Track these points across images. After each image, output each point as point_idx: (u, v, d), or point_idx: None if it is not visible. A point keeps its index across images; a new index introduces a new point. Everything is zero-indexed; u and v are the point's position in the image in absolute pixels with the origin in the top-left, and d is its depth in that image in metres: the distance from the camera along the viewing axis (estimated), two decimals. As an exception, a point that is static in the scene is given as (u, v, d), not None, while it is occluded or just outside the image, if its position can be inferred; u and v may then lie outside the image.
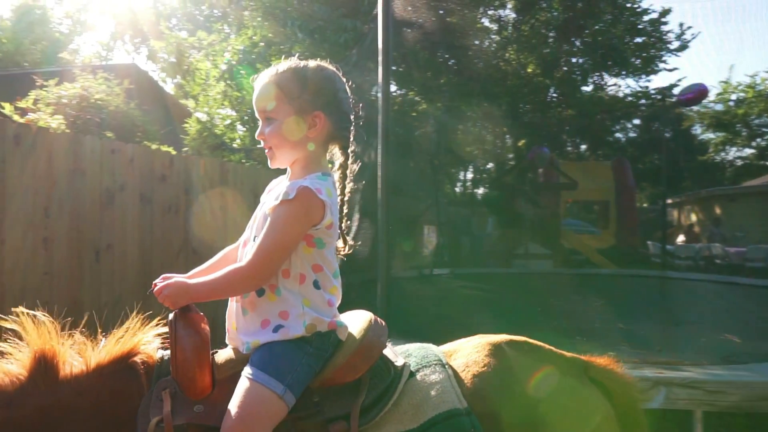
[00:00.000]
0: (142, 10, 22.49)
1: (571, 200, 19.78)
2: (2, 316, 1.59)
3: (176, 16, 23.15)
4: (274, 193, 1.79)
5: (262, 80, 1.78)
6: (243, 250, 1.82)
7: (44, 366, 1.50)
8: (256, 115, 1.79)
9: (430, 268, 10.29)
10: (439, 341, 1.99)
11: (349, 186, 1.88)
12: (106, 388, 1.56)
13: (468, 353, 1.84)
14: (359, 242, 5.00)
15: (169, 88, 15.86)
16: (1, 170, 4.55)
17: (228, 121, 8.73)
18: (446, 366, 1.77)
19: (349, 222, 1.91)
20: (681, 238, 18.46)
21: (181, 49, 8.69)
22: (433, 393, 1.69)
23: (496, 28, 18.34)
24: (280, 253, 1.65)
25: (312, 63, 1.81)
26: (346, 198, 1.88)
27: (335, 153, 1.87)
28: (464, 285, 9.13)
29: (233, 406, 1.52)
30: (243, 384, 1.57)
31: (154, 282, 1.66)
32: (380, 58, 4.36)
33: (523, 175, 16.94)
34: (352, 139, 1.86)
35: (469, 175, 23.41)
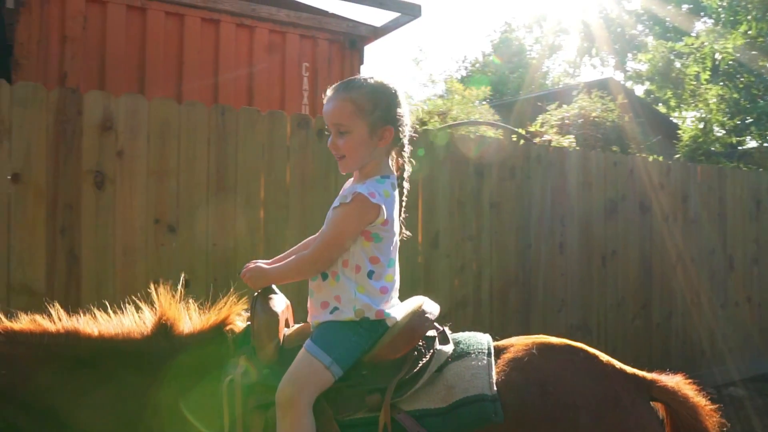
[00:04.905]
0: (605, 23, 22.99)
1: None
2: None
3: (642, 22, 23.00)
4: (341, 193, 2.06)
5: (334, 96, 1.97)
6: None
7: (163, 326, 1.99)
8: (326, 125, 2.01)
9: None
10: None
11: (406, 185, 2.10)
12: (202, 347, 1.99)
13: (518, 349, 1.93)
14: None
15: (640, 94, 15.87)
16: (527, 185, 5.37)
17: (704, 124, 8.34)
18: (489, 356, 1.92)
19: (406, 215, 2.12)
20: None
21: (668, 57, 8.66)
22: (467, 378, 1.86)
23: None
24: (337, 247, 1.95)
25: (378, 78, 2.00)
26: (404, 197, 2.11)
27: (394, 157, 2.08)
28: None
29: (288, 371, 1.84)
30: (300, 353, 1.89)
31: (245, 265, 2.07)
32: None
33: None
34: (408, 145, 2.08)
35: None
